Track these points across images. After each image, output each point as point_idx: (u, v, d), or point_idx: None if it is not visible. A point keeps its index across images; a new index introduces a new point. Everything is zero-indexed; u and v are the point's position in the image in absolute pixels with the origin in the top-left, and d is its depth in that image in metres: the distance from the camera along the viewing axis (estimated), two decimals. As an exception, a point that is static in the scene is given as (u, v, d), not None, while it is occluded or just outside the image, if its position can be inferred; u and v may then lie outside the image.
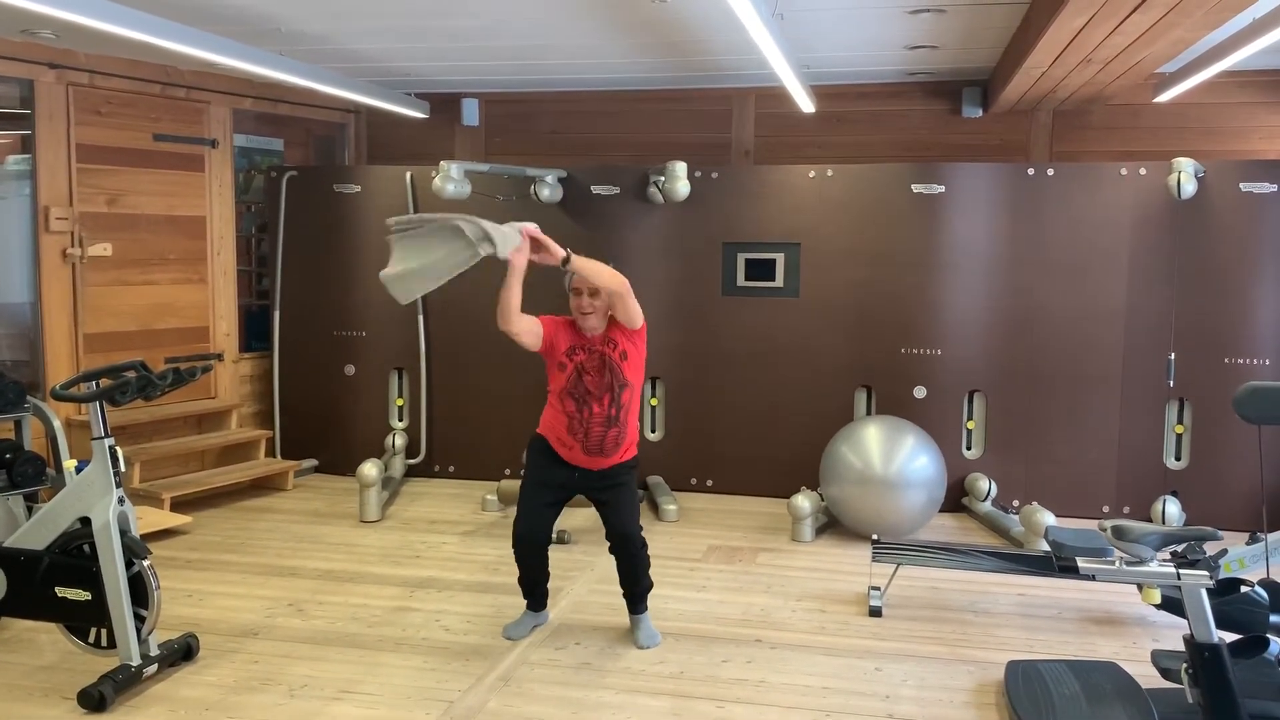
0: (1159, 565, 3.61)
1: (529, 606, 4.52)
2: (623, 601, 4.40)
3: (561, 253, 3.95)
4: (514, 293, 3.96)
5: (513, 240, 3.88)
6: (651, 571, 4.38)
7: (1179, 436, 6.20)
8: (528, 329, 4.07)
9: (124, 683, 3.74)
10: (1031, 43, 4.76)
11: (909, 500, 5.61)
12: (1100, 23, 4.18)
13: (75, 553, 3.86)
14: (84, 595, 3.82)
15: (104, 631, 3.88)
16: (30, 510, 4.58)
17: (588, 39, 5.79)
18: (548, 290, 4.58)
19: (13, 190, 6.15)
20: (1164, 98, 6.22)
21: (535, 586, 4.49)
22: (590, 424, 4.13)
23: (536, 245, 3.98)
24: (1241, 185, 5.99)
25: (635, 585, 4.35)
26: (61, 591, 3.85)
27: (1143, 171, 6.13)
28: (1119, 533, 3.56)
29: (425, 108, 7.65)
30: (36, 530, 3.91)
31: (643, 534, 4.29)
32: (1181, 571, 3.41)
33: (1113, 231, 6.17)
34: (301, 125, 7.96)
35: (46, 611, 3.91)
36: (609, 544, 4.31)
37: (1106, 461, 6.25)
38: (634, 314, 4.10)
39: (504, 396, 7.00)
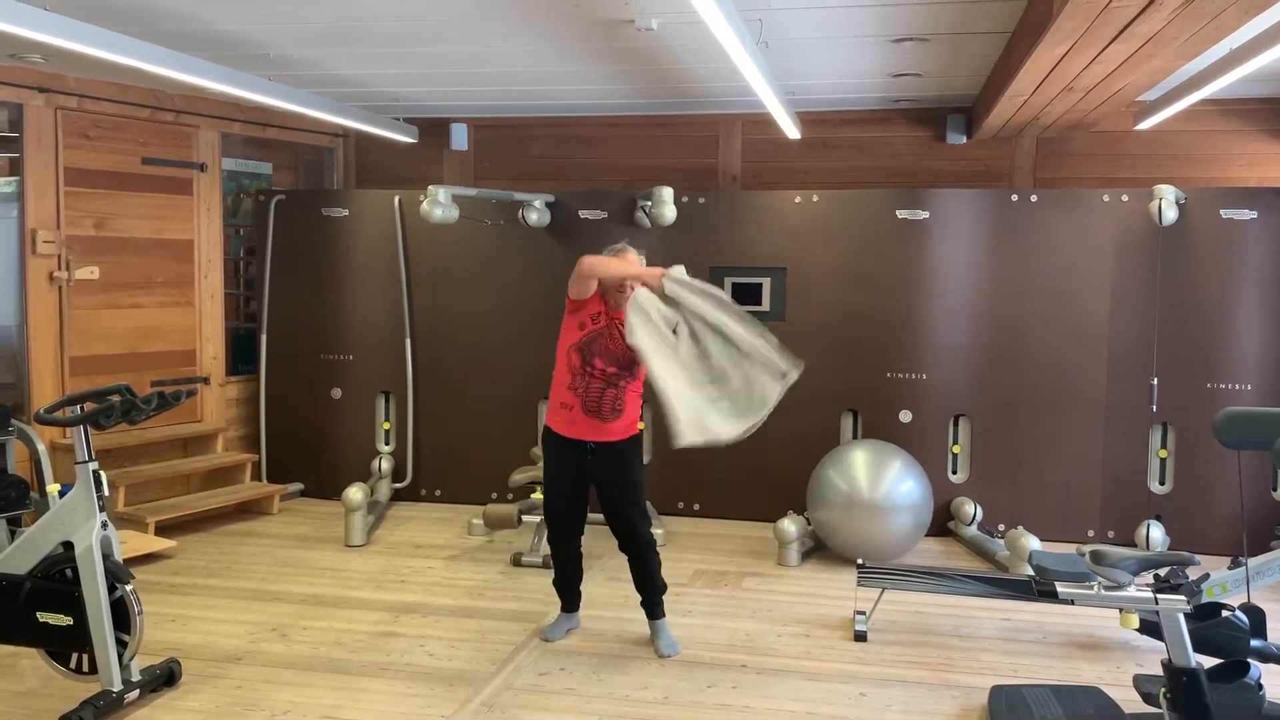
0: (1136, 590, 3.63)
1: (563, 608, 4.69)
2: (607, 626, 4.41)
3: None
4: (614, 273, 4.46)
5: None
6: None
7: (1162, 461, 6.24)
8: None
9: (105, 709, 3.72)
10: (1013, 71, 4.82)
11: (895, 524, 5.63)
12: (1080, 52, 4.24)
13: (57, 577, 3.84)
14: (66, 620, 3.80)
15: (85, 657, 3.86)
16: (13, 534, 4.57)
17: (575, 65, 5.84)
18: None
19: (0, 213, 6.15)
20: (1145, 125, 6.29)
21: (569, 587, 4.66)
22: (591, 380, 4.35)
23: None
24: (1222, 212, 6.06)
25: (650, 586, 4.48)
26: (43, 616, 3.83)
27: (1125, 198, 6.19)
28: (1097, 558, 3.58)
29: (414, 132, 7.68)
30: (19, 555, 3.89)
31: (651, 530, 4.50)
32: (1159, 596, 3.43)
33: (1095, 257, 6.22)
34: (290, 149, 7.99)
35: (28, 637, 3.89)
36: (618, 542, 4.49)
37: (1091, 486, 6.27)
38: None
39: (490, 420, 7.00)
